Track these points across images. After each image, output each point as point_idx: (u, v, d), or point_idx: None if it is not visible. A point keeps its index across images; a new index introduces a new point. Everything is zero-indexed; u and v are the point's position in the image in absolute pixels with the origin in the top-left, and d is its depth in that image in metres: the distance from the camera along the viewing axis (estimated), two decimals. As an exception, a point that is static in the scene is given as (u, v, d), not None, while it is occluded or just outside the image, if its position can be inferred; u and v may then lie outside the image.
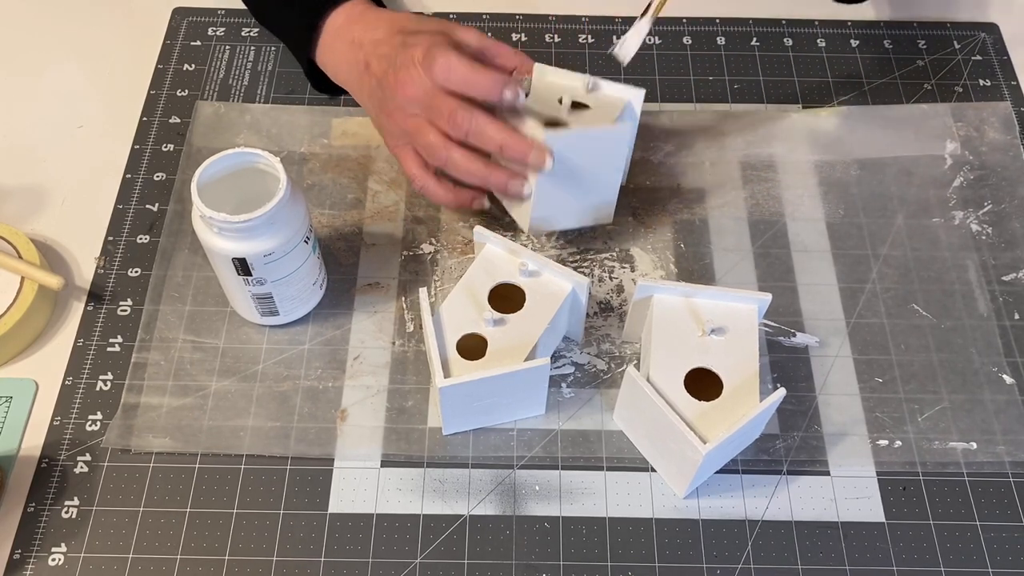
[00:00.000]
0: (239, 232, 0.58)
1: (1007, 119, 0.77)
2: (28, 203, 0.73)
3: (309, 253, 0.62)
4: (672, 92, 0.80)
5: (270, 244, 0.59)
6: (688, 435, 0.55)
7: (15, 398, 0.64)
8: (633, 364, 0.63)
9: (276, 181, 0.58)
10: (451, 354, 0.59)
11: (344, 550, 0.59)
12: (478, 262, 0.63)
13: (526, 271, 0.62)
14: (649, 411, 0.58)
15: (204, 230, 0.59)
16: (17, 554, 0.58)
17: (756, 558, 0.59)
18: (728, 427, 0.56)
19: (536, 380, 0.60)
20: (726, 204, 0.73)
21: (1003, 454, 0.62)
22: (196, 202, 0.57)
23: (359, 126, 0.77)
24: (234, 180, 0.60)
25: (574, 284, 0.61)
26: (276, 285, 0.62)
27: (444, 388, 0.57)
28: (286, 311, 0.65)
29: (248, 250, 0.58)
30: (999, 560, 0.59)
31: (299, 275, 0.62)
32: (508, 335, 0.60)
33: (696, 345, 0.60)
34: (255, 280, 0.61)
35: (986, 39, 0.84)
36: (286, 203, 0.58)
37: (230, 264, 0.59)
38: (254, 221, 0.57)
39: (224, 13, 0.84)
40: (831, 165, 0.75)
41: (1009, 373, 0.65)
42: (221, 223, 0.57)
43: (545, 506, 0.60)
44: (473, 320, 0.60)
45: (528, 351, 0.59)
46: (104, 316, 0.67)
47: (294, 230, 0.59)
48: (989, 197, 0.74)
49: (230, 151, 0.60)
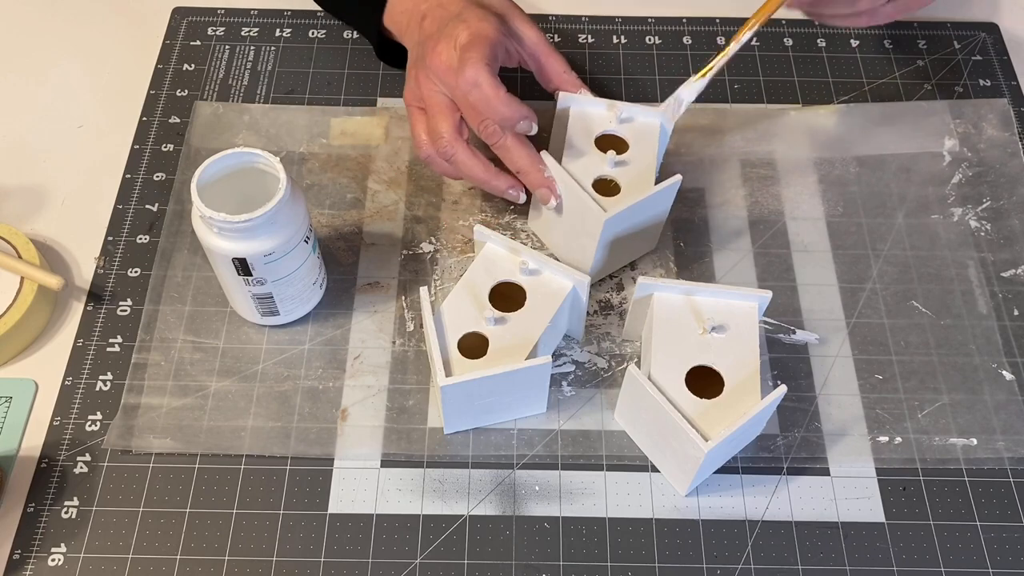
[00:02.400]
0: (239, 232, 0.57)
1: (1005, 116, 0.77)
2: (28, 203, 0.73)
3: (309, 253, 0.62)
4: (672, 92, 0.79)
5: (270, 244, 0.59)
6: (690, 433, 0.55)
7: (15, 398, 0.64)
8: (634, 362, 0.63)
9: (276, 181, 0.58)
10: (452, 353, 0.59)
11: (344, 550, 0.59)
12: (479, 261, 0.63)
13: (527, 269, 0.62)
14: (651, 409, 0.58)
15: (204, 230, 0.59)
16: (17, 554, 0.58)
17: (756, 558, 0.59)
18: (729, 425, 0.56)
19: (537, 379, 0.60)
20: (726, 203, 0.73)
21: (1003, 450, 0.62)
22: (196, 202, 0.57)
23: (358, 126, 0.77)
24: (234, 180, 0.60)
25: (575, 282, 0.61)
26: (276, 285, 0.62)
27: (446, 387, 0.57)
28: (286, 311, 0.65)
29: (248, 250, 0.58)
30: (999, 560, 0.59)
31: (299, 275, 0.62)
32: (509, 334, 0.60)
33: (697, 343, 0.60)
34: (255, 280, 0.61)
35: (986, 39, 0.83)
36: (286, 203, 0.58)
37: (230, 264, 0.59)
38: (254, 221, 0.57)
39: (224, 13, 0.84)
40: (830, 163, 0.75)
41: (1008, 370, 0.65)
42: (221, 223, 0.57)
43: (545, 506, 0.60)
44: (474, 319, 0.60)
45: (529, 350, 0.59)
46: (104, 316, 0.67)
47: (294, 230, 0.59)
48: (988, 194, 0.74)
49: (229, 151, 0.60)
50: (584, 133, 0.67)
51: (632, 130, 0.68)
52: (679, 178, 0.64)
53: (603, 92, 0.79)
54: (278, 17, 0.84)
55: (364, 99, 0.79)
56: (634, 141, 0.67)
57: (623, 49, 0.83)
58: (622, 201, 0.63)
